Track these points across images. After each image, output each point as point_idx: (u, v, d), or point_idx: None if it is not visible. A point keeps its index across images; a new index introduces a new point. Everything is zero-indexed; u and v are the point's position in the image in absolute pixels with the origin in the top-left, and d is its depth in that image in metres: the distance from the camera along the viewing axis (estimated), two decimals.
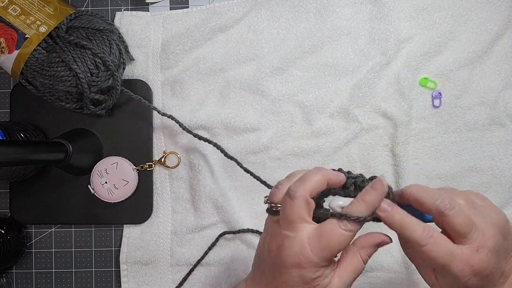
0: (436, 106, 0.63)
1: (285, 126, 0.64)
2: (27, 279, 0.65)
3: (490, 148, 0.63)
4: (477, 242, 0.37)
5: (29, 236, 0.65)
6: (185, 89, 0.64)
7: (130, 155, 0.64)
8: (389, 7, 0.63)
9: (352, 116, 0.63)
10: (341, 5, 0.64)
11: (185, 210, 0.64)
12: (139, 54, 0.65)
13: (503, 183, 0.62)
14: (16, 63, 0.56)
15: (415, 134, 0.63)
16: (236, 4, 0.65)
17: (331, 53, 0.64)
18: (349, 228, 0.38)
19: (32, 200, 0.64)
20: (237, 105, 0.64)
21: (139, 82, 0.64)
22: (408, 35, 0.63)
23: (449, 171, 0.63)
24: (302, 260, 0.38)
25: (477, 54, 0.63)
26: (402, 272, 0.62)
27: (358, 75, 0.63)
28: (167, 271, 0.64)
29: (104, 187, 0.63)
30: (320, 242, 0.37)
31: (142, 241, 0.64)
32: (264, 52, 0.64)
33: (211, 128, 0.63)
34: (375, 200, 0.38)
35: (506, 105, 0.63)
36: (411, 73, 0.63)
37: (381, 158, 0.63)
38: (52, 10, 0.57)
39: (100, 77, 0.57)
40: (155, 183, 0.65)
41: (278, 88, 0.64)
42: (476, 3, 0.63)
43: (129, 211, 0.64)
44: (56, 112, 0.64)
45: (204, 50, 0.65)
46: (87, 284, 0.65)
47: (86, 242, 0.65)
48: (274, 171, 0.63)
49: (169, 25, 0.65)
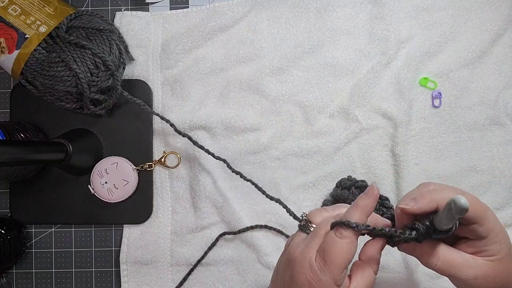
0: (436, 106, 0.63)
1: (285, 126, 0.64)
2: (27, 279, 0.65)
3: (490, 148, 0.63)
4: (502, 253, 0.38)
5: (29, 236, 0.65)
6: (185, 89, 0.64)
7: (130, 155, 0.64)
8: (389, 7, 0.63)
9: (352, 116, 0.63)
10: (341, 5, 0.64)
11: (185, 210, 0.64)
12: (139, 54, 0.65)
13: (503, 183, 0.62)
14: (16, 63, 0.56)
15: (415, 134, 0.63)
16: (236, 4, 0.65)
17: (331, 53, 0.64)
18: (344, 235, 0.37)
19: (32, 200, 0.64)
20: (237, 105, 0.64)
21: (139, 82, 0.64)
22: (408, 35, 0.63)
23: (449, 171, 0.63)
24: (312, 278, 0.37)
25: (477, 54, 0.63)
26: (402, 272, 0.62)
27: (358, 75, 0.63)
28: (167, 271, 0.64)
29: (104, 187, 0.63)
30: (325, 258, 0.37)
31: (142, 241, 0.64)
32: (264, 52, 0.64)
33: (211, 128, 0.63)
34: (367, 204, 0.38)
35: (506, 105, 0.63)
36: (411, 73, 0.63)
37: (381, 158, 0.63)
38: (52, 10, 0.57)
39: (100, 77, 0.57)
40: (155, 183, 0.65)
41: (278, 88, 0.64)
42: (476, 3, 0.63)
43: (129, 211, 0.64)
44: (56, 112, 0.64)
45: (204, 50, 0.65)
46: (87, 284, 0.65)
47: (86, 242, 0.65)
48: (274, 171, 0.63)
49: (169, 25, 0.65)
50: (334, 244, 0.37)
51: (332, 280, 0.36)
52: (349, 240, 0.37)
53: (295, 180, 0.63)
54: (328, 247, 0.37)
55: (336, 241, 0.37)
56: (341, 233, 0.37)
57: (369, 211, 0.39)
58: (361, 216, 0.38)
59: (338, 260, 0.36)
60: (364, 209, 0.38)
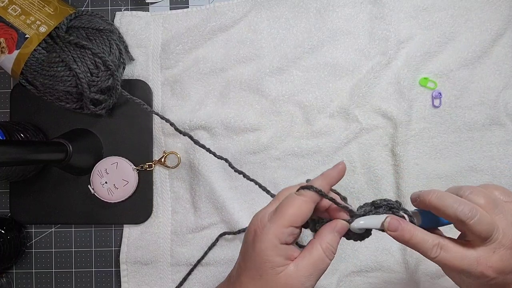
0: (436, 106, 0.63)
1: (285, 126, 0.64)
2: (27, 279, 0.65)
3: (490, 148, 0.63)
4: (495, 244, 0.37)
5: (29, 236, 0.65)
6: (185, 89, 0.64)
7: (130, 155, 0.64)
8: (389, 7, 0.63)
9: (352, 116, 0.63)
10: (341, 5, 0.64)
11: (185, 210, 0.64)
12: (139, 54, 0.65)
13: (503, 183, 0.62)
14: (16, 63, 0.56)
15: (415, 134, 0.63)
16: (236, 4, 0.65)
17: (331, 53, 0.64)
18: (302, 194, 0.39)
19: (32, 200, 0.64)
20: (237, 105, 0.64)
21: (139, 82, 0.64)
22: (408, 35, 0.63)
23: (449, 171, 0.63)
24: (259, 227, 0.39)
25: (477, 54, 0.63)
26: (402, 272, 0.62)
27: (358, 75, 0.63)
28: (167, 271, 0.64)
29: (104, 187, 0.63)
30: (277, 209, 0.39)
31: (142, 241, 0.64)
32: (264, 52, 0.64)
33: (211, 128, 0.63)
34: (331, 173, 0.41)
35: (506, 105, 0.63)
36: (411, 73, 0.63)
37: (381, 158, 0.63)
38: (52, 10, 0.57)
39: (100, 77, 0.57)
40: (155, 183, 0.65)
41: (278, 88, 0.64)
42: (476, 3, 0.63)
43: (129, 211, 0.64)
44: (56, 112, 0.64)
45: (204, 50, 0.65)
46: (87, 284, 0.65)
47: (86, 242, 0.65)
48: (274, 171, 0.63)
49: (169, 25, 0.65)
50: (290, 199, 0.39)
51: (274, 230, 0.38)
52: (305, 199, 0.39)
53: (295, 180, 0.63)
54: (284, 201, 0.39)
55: (293, 197, 0.39)
56: (300, 192, 0.39)
57: (331, 181, 0.41)
58: (323, 183, 0.40)
59: (287, 212, 0.38)
60: (327, 177, 0.40)
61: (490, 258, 0.37)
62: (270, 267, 0.37)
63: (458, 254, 0.38)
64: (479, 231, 0.37)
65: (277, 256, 0.38)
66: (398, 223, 0.39)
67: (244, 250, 0.40)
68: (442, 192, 0.39)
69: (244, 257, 0.40)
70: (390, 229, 0.39)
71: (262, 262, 0.38)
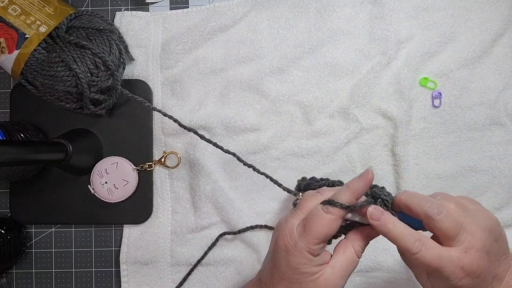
0: (436, 106, 0.63)
1: (285, 126, 0.64)
2: (27, 279, 0.65)
3: (490, 148, 0.63)
4: (465, 244, 0.38)
5: (29, 236, 0.65)
6: (185, 89, 0.64)
7: (130, 155, 0.64)
8: (389, 7, 0.63)
9: (352, 116, 0.63)
10: (341, 5, 0.64)
11: (185, 210, 0.64)
12: (139, 54, 0.65)
13: (503, 183, 0.62)
14: (16, 63, 0.56)
15: (415, 134, 0.63)
16: (236, 4, 0.65)
17: (331, 53, 0.64)
18: (330, 211, 0.40)
19: (32, 200, 0.64)
20: (237, 105, 0.64)
21: (139, 82, 0.64)
22: (408, 35, 0.63)
23: (449, 171, 0.63)
24: (290, 243, 0.40)
25: (477, 54, 0.63)
26: (402, 272, 0.62)
27: (358, 75, 0.63)
28: (167, 271, 0.64)
29: (104, 187, 0.63)
30: (305, 226, 0.40)
31: (142, 241, 0.64)
32: (264, 52, 0.64)
33: (211, 128, 0.63)
34: (358, 187, 0.41)
35: (506, 105, 0.63)
36: (411, 73, 0.63)
37: (381, 158, 0.63)
38: (52, 10, 0.57)
39: (100, 77, 0.57)
40: (155, 183, 0.65)
41: (278, 88, 0.64)
42: (476, 3, 0.63)
43: (129, 211, 0.64)
44: (56, 112, 0.64)
45: (204, 50, 0.65)
46: (87, 284, 0.65)
47: (86, 242, 0.65)
48: (274, 171, 0.63)
49: (169, 25, 0.65)
50: (318, 215, 0.40)
51: (306, 247, 0.39)
52: (333, 217, 0.40)
53: (295, 180, 0.63)
54: (312, 217, 0.40)
55: (320, 213, 0.40)
56: (327, 208, 0.40)
57: (359, 194, 0.41)
58: (350, 197, 0.40)
59: (317, 230, 0.39)
60: (355, 191, 0.41)
61: (463, 258, 0.38)
62: (309, 277, 0.40)
63: (436, 251, 0.38)
64: (446, 227, 0.38)
65: (313, 267, 0.40)
66: (380, 213, 0.40)
67: (276, 259, 0.41)
68: (412, 192, 0.41)
69: (276, 266, 0.41)
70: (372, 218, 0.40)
71: (299, 274, 0.40)
